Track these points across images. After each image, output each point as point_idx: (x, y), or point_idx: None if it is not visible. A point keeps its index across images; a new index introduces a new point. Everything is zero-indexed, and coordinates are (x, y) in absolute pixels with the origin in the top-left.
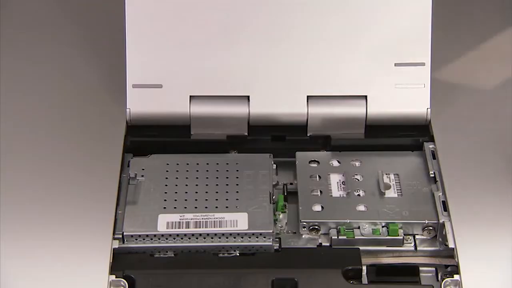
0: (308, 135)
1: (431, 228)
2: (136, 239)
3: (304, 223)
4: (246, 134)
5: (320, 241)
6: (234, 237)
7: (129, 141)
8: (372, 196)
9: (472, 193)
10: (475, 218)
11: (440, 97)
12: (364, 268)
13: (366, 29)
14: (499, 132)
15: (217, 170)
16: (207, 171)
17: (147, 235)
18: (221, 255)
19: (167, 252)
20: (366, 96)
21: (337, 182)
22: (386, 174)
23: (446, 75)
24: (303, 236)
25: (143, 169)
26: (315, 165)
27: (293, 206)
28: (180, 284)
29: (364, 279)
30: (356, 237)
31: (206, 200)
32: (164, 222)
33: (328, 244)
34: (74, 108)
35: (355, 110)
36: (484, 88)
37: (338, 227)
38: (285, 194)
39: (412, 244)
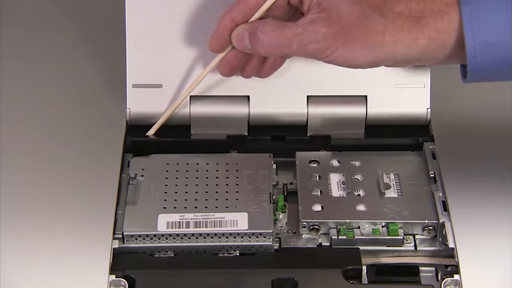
0: (308, 135)
1: (431, 228)
2: (136, 239)
3: (304, 223)
4: (246, 134)
5: (320, 241)
6: (234, 237)
7: (129, 141)
8: (372, 196)
9: (472, 193)
10: (475, 218)
11: (440, 97)
12: (364, 268)
13: None
14: (499, 131)
15: (217, 170)
16: (207, 171)
17: (147, 235)
18: (221, 255)
19: (167, 252)
20: (366, 96)
21: (337, 182)
22: (386, 174)
23: (446, 75)
24: (303, 236)
25: (143, 169)
26: (315, 165)
27: (293, 206)
28: (180, 284)
29: (364, 279)
30: (356, 237)
31: (206, 200)
32: (164, 222)
33: (328, 244)
34: (74, 108)
35: (355, 110)
36: (484, 88)
37: (338, 227)
38: (285, 194)
39: (412, 244)
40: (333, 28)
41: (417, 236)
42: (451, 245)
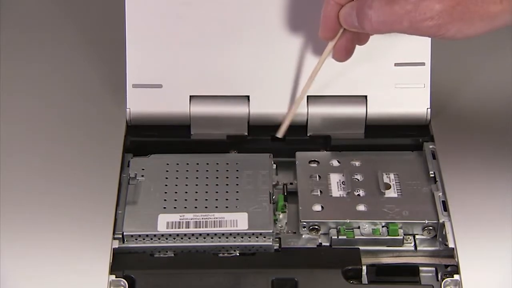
0: (308, 135)
1: (431, 228)
2: (136, 239)
3: (304, 223)
4: (246, 134)
5: (320, 241)
6: (234, 237)
7: (129, 141)
8: (372, 196)
9: (472, 193)
10: (475, 218)
11: (440, 97)
12: (364, 268)
13: None
14: (499, 131)
15: (217, 170)
16: (207, 171)
17: (147, 235)
18: (221, 255)
19: (167, 252)
20: (366, 96)
21: (337, 182)
22: (386, 174)
23: (446, 75)
24: (303, 236)
25: (143, 169)
26: (315, 165)
27: (293, 206)
28: (180, 284)
29: (364, 279)
30: (356, 237)
31: (206, 200)
32: (164, 222)
33: (328, 244)
34: (74, 108)
35: (355, 110)
36: (484, 88)
37: (338, 227)
38: (285, 194)
39: (412, 244)
40: (448, 4)
41: (417, 236)
42: (451, 245)
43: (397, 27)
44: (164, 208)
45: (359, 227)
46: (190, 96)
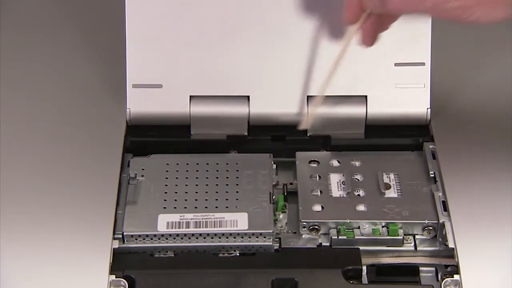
0: (308, 135)
1: (431, 228)
2: (136, 239)
3: (304, 223)
4: (246, 134)
5: (320, 241)
6: (234, 237)
7: (129, 141)
8: (372, 196)
9: (472, 193)
10: (475, 218)
11: (440, 97)
12: (364, 268)
13: None
14: (499, 132)
15: (217, 170)
16: (207, 171)
17: (147, 235)
18: (221, 255)
19: (167, 252)
20: (366, 96)
21: (337, 182)
22: (386, 174)
23: (446, 75)
24: (303, 236)
25: (143, 169)
26: (315, 165)
27: (293, 206)
28: (180, 284)
29: (364, 279)
30: (356, 237)
31: (206, 200)
32: (164, 222)
33: (328, 244)
34: (74, 108)
35: (355, 110)
36: (484, 88)
37: (338, 227)
38: (285, 194)
39: (412, 244)
40: None
41: (417, 236)
42: (451, 245)
43: (420, 7)
44: (164, 208)
45: (359, 227)
46: (190, 96)
